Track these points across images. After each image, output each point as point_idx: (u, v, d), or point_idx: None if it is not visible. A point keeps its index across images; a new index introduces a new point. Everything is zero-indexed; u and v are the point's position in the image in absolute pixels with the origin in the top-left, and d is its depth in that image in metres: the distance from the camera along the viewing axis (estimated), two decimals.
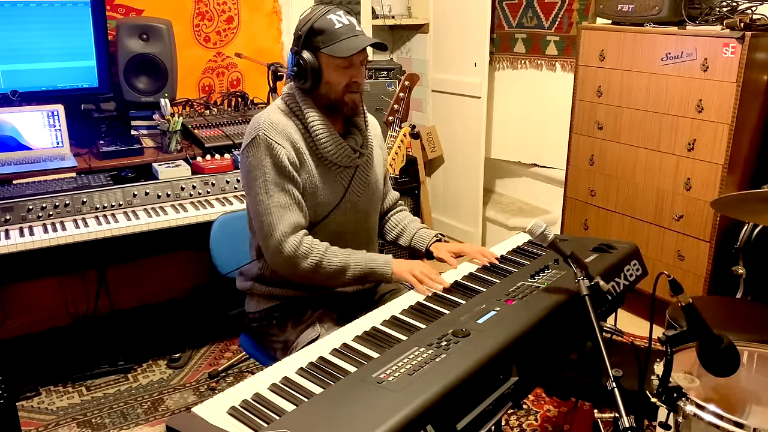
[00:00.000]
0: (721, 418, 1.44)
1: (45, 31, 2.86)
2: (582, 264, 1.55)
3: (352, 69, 1.78)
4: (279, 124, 1.80)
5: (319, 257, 1.76)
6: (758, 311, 2.35)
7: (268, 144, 1.76)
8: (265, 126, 1.78)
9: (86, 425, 2.58)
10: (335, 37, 1.73)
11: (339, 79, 1.77)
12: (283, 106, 1.85)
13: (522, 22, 4.03)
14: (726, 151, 2.72)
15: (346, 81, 1.78)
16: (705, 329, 1.47)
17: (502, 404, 1.35)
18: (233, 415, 1.23)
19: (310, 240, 1.78)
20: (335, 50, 1.73)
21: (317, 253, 1.76)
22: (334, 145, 1.82)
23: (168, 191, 2.72)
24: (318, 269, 1.77)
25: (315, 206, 1.84)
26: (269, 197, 1.76)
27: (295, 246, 1.75)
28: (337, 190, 1.87)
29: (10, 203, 2.44)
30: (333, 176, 1.86)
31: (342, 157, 1.84)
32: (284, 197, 1.76)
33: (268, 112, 1.84)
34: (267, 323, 1.93)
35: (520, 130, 4.18)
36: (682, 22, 2.87)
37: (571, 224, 3.52)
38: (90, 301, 3.11)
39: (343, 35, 1.73)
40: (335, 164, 1.85)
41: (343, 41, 1.73)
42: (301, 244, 1.75)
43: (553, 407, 2.63)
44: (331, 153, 1.82)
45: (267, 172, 1.76)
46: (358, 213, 1.93)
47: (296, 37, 1.78)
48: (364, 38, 1.76)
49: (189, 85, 3.34)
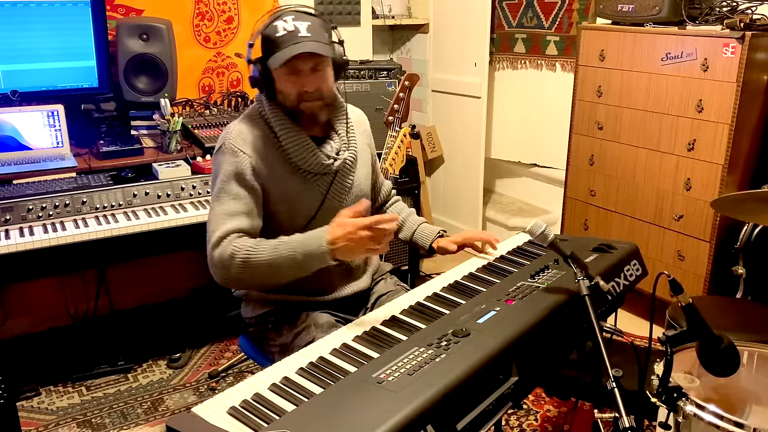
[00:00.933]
0: (721, 418, 1.44)
1: (45, 31, 2.86)
2: (582, 264, 1.55)
3: (301, 77, 1.71)
4: (248, 133, 1.76)
5: (246, 252, 1.61)
6: (758, 311, 2.35)
7: (232, 151, 1.73)
8: (233, 135, 1.76)
9: (86, 425, 2.58)
10: (276, 46, 1.67)
11: (289, 89, 1.72)
12: (255, 113, 1.81)
13: (522, 22, 4.03)
14: (726, 151, 2.72)
15: (297, 90, 1.72)
16: (705, 329, 1.47)
17: (502, 404, 1.35)
18: (233, 415, 1.23)
19: (239, 241, 1.65)
20: (273, 61, 1.68)
21: (243, 249, 1.62)
22: (304, 153, 1.77)
23: (168, 191, 2.72)
24: (248, 264, 1.62)
25: (293, 215, 1.80)
26: (219, 204, 1.72)
27: (223, 249, 1.64)
28: (315, 197, 1.82)
29: (10, 203, 2.44)
30: (309, 183, 1.81)
31: (314, 165, 1.79)
32: (233, 205, 1.70)
33: (239, 121, 1.81)
34: (263, 328, 1.92)
35: (520, 130, 4.18)
36: (682, 22, 2.87)
37: (571, 224, 3.52)
38: (90, 301, 3.11)
39: (284, 43, 1.66)
40: (309, 172, 1.80)
41: (283, 50, 1.66)
42: (229, 246, 1.63)
43: (553, 407, 2.63)
44: (302, 161, 1.77)
45: (225, 180, 1.72)
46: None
47: (248, 46, 1.75)
48: (305, 45, 1.65)
49: (189, 85, 3.34)
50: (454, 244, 1.95)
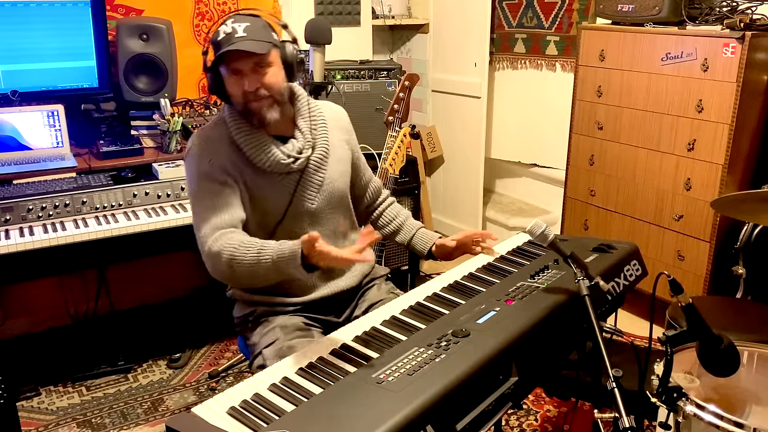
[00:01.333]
0: (721, 418, 1.44)
1: (45, 31, 2.86)
2: (582, 264, 1.55)
3: (242, 77, 1.72)
4: (212, 137, 1.80)
5: (232, 251, 1.63)
6: (758, 311, 2.35)
7: (198, 155, 1.77)
8: (197, 140, 1.80)
9: (86, 425, 2.58)
10: (217, 48, 1.71)
11: (233, 90, 1.75)
12: (219, 119, 1.84)
13: (522, 22, 4.03)
14: (726, 151, 2.72)
15: (240, 90, 1.73)
16: (705, 329, 1.47)
17: (502, 404, 1.36)
18: (233, 416, 1.23)
19: (226, 237, 1.67)
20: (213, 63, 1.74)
21: (229, 247, 1.64)
22: (260, 152, 1.77)
23: (168, 191, 2.72)
24: (233, 263, 1.63)
25: (262, 215, 1.81)
26: (197, 203, 1.76)
27: (209, 247, 1.67)
28: (281, 197, 1.82)
29: (10, 203, 2.44)
30: (275, 183, 1.81)
31: (273, 164, 1.78)
32: (209, 200, 1.73)
33: (206, 127, 1.86)
34: (243, 327, 1.95)
35: (520, 130, 4.18)
36: (682, 22, 2.87)
37: (571, 224, 3.52)
38: (90, 301, 3.11)
39: (223, 45, 1.69)
40: (274, 172, 1.80)
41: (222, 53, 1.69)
42: (215, 242, 1.66)
43: (553, 407, 2.63)
44: (260, 161, 1.78)
45: (194, 179, 1.77)
46: (315, 218, 1.87)
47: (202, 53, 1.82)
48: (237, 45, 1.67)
49: (189, 85, 3.33)
50: (453, 241, 1.93)
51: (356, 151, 2.02)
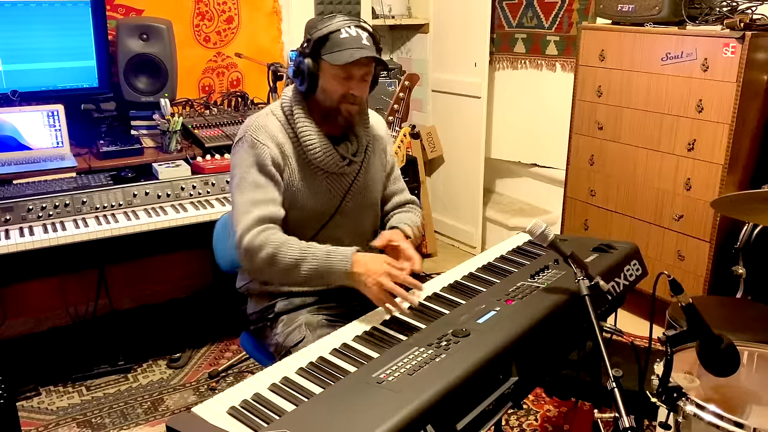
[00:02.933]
0: (721, 418, 1.44)
1: (45, 31, 2.86)
2: (582, 264, 1.55)
3: (351, 81, 1.76)
4: (268, 127, 1.81)
5: (275, 248, 1.70)
6: (758, 311, 2.35)
7: (252, 143, 1.78)
8: (253, 128, 1.81)
9: (86, 425, 2.58)
10: (337, 45, 1.72)
11: (335, 88, 1.77)
12: (278, 110, 1.86)
13: (522, 22, 4.03)
14: (726, 151, 2.72)
15: (343, 91, 1.77)
16: (705, 329, 1.47)
17: (502, 404, 1.35)
18: (233, 415, 1.23)
19: (269, 233, 1.72)
20: (334, 58, 1.72)
21: (273, 244, 1.70)
22: (321, 150, 1.81)
23: (168, 191, 2.72)
24: (274, 261, 1.70)
25: (309, 213, 1.84)
26: (242, 194, 1.77)
27: (252, 238, 1.71)
28: (331, 197, 1.86)
29: (10, 203, 2.44)
30: (326, 183, 1.85)
31: (329, 164, 1.82)
32: (257, 194, 1.76)
33: (260, 115, 1.86)
34: (262, 324, 1.94)
35: (520, 130, 4.18)
36: (682, 22, 2.87)
37: (571, 224, 3.52)
38: (90, 301, 3.11)
39: (345, 45, 1.72)
40: (323, 170, 1.84)
41: (344, 51, 1.71)
42: (258, 235, 1.71)
43: (553, 407, 2.63)
44: (318, 158, 1.81)
45: (245, 170, 1.77)
46: (347, 219, 1.91)
47: (305, 40, 1.79)
48: (365, 51, 1.73)
49: (189, 85, 3.34)
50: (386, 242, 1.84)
51: (392, 161, 2.07)
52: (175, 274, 3.39)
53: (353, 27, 1.75)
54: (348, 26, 1.74)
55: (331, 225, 1.88)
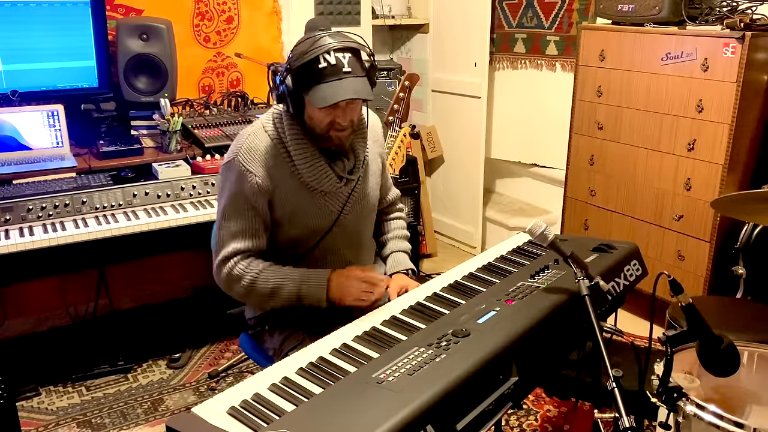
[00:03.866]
0: (721, 418, 1.44)
1: (45, 31, 2.86)
2: (582, 264, 1.55)
3: (337, 110, 1.68)
4: (258, 149, 1.75)
5: (252, 279, 1.75)
6: (758, 311, 2.35)
7: (240, 171, 1.74)
8: (244, 151, 1.75)
9: (86, 425, 2.58)
10: (318, 79, 1.62)
11: (321, 118, 1.70)
12: (270, 126, 1.79)
13: (522, 22, 4.03)
14: (726, 151, 2.72)
15: (329, 121, 1.70)
16: (705, 329, 1.47)
17: (502, 404, 1.36)
18: (233, 415, 1.23)
19: (247, 262, 1.77)
20: (314, 97, 1.63)
21: (250, 275, 1.75)
22: (316, 172, 1.76)
23: (168, 191, 2.72)
24: (251, 291, 1.77)
25: (304, 231, 1.82)
26: (225, 220, 1.79)
27: (230, 268, 1.77)
28: (327, 215, 1.83)
29: (10, 203, 2.44)
30: (321, 201, 1.82)
31: (324, 184, 1.78)
32: (239, 223, 1.76)
33: (251, 134, 1.78)
34: (261, 329, 1.94)
35: (520, 130, 4.18)
36: (682, 22, 2.87)
37: (571, 224, 3.52)
38: (90, 301, 3.11)
39: (327, 77, 1.62)
40: (319, 190, 1.80)
41: (326, 85, 1.62)
42: (236, 265, 1.76)
43: (553, 407, 2.63)
44: (314, 181, 1.77)
45: (230, 196, 1.77)
46: (346, 231, 1.89)
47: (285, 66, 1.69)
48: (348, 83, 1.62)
49: (189, 85, 3.33)
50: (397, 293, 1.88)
51: (384, 162, 2.05)
52: (175, 274, 3.39)
53: (332, 53, 1.62)
54: (327, 51, 1.61)
55: (329, 238, 1.87)
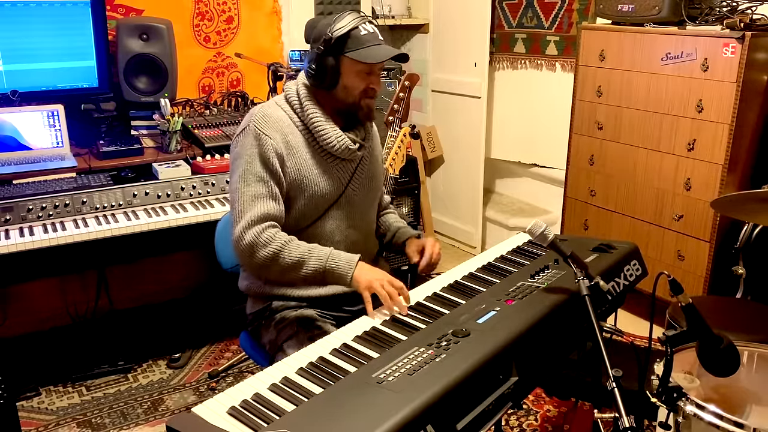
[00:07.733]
0: (721, 418, 1.44)
1: (45, 31, 2.86)
2: (582, 264, 1.55)
3: (372, 76, 1.81)
4: (272, 117, 1.83)
5: (278, 247, 1.72)
6: (758, 311, 2.35)
7: (257, 134, 1.78)
8: (258, 118, 1.81)
9: (86, 425, 2.58)
10: (361, 43, 1.76)
11: (357, 84, 1.80)
12: (282, 102, 1.88)
13: (522, 22, 4.03)
14: (726, 151, 2.72)
15: (364, 86, 1.81)
16: (705, 329, 1.47)
17: (502, 404, 1.35)
18: (233, 415, 1.23)
19: (274, 231, 1.75)
20: (361, 56, 1.75)
21: (277, 243, 1.73)
22: (334, 136, 1.84)
23: (168, 191, 2.72)
24: (276, 259, 1.72)
25: (313, 200, 1.85)
26: (246, 185, 1.77)
27: (257, 234, 1.72)
28: (336, 183, 1.88)
29: (10, 203, 2.44)
30: (331, 168, 1.87)
31: (342, 150, 1.85)
32: (261, 188, 1.77)
33: (264, 105, 1.87)
34: (258, 324, 1.96)
35: (520, 130, 4.18)
36: (682, 22, 2.87)
37: (571, 224, 3.52)
38: (90, 301, 3.11)
39: (368, 42, 1.76)
40: (334, 157, 1.86)
41: (369, 48, 1.76)
42: (263, 232, 1.73)
43: (553, 407, 2.63)
44: (331, 145, 1.83)
45: (250, 161, 1.78)
46: (353, 208, 1.93)
47: (323, 39, 1.77)
48: (387, 49, 1.79)
49: (189, 85, 3.34)
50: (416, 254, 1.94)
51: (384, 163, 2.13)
52: (175, 274, 3.39)
53: (368, 23, 1.79)
54: (363, 23, 1.78)
55: (335, 213, 1.88)
